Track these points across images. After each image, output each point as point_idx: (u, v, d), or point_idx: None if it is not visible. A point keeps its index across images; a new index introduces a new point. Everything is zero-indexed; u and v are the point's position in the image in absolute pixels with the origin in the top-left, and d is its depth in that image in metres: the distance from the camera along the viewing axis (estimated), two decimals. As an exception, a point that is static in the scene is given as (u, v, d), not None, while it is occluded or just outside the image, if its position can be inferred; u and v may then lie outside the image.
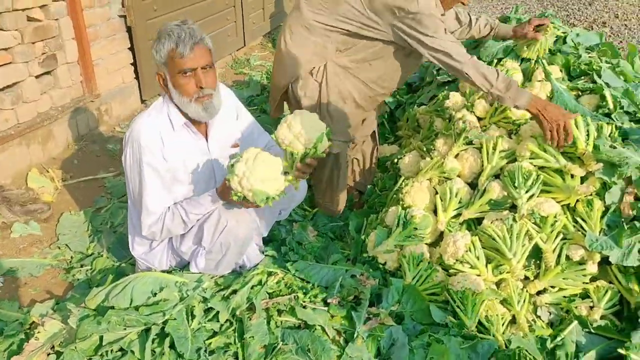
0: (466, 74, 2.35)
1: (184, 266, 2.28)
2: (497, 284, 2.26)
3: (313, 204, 2.95)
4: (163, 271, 2.24)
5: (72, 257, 2.66)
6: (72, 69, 3.44)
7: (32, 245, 2.76)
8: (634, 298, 2.12)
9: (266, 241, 2.56)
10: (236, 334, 1.96)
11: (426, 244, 2.39)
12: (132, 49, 3.87)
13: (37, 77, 3.24)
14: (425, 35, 2.34)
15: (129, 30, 3.80)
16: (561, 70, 2.91)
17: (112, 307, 1.99)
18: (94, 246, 2.70)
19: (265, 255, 2.44)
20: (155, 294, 2.05)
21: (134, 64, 3.94)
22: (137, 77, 4.01)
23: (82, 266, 2.58)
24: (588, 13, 6.48)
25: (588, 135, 2.30)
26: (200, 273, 2.18)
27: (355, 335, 1.96)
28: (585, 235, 2.16)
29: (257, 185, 1.85)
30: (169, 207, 2.08)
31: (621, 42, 5.66)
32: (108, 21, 3.63)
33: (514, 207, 2.32)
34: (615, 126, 2.37)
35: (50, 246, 2.76)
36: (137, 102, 4.07)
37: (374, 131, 3.02)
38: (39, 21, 3.14)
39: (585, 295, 2.23)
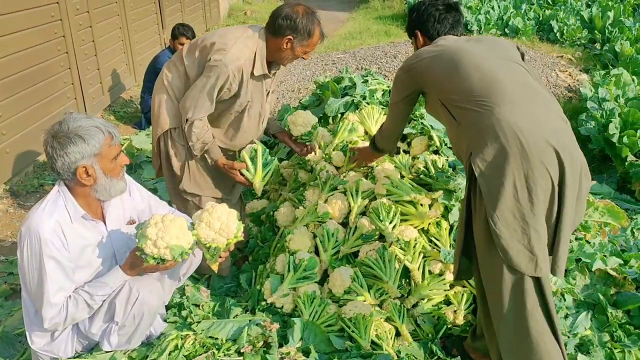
0: (187, 123, 2.65)
1: (91, 348, 2.27)
2: (380, 305, 2.63)
3: (201, 270, 3.06)
4: (70, 359, 2.22)
5: (-52, 369, 2.45)
6: None
7: None
8: (484, 295, 2.63)
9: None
10: (162, 402, 2.03)
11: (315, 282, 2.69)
12: (-28, 138, 3.67)
13: None
14: (204, 80, 2.61)
15: (-32, 119, 3.61)
16: (393, 119, 3.48)
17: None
18: (-26, 351, 2.52)
19: (168, 323, 2.53)
20: (70, 382, 2.04)
21: (-24, 154, 3.72)
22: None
23: (-36, 375, 2.39)
24: (395, 64, 7.53)
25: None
26: (111, 351, 2.20)
27: (274, 376, 2.16)
28: (440, 251, 2.65)
29: (172, 241, 2.01)
30: (70, 295, 2.10)
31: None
32: (-56, 113, 3.43)
33: (381, 238, 2.74)
34: (446, 159, 2.96)
35: None
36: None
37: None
38: None
39: (448, 302, 2.70)
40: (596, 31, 8.86)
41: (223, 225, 2.13)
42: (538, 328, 1.86)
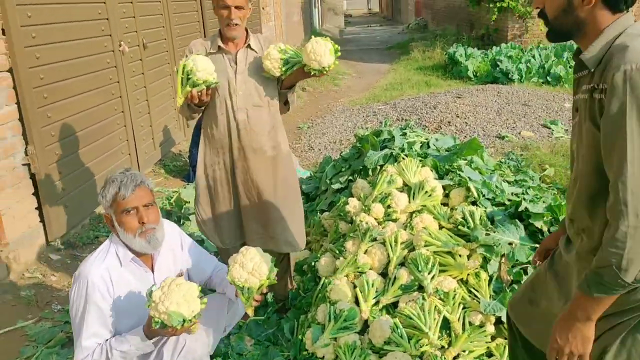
0: None
1: (138, 396, 2.37)
2: (420, 357, 2.64)
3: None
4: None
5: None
6: (-23, 222, 3.44)
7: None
8: (526, 347, 2.60)
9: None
10: None
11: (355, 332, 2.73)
12: (36, 194, 3.94)
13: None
14: None
15: (32, 176, 3.90)
16: (432, 170, 3.56)
17: None
18: (33, 396, 2.66)
19: (213, 371, 2.62)
20: None
21: (39, 208, 3.99)
22: (42, 221, 4.04)
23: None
24: (435, 115, 7.64)
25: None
26: (158, 399, 2.29)
27: None
28: (479, 302, 2.66)
29: (172, 307, 1.97)
30: (100, 343, 2.18)
31: (465, 137, 6.76)
32: (13, 170, 3.71)
33: (420, 288, 2.77)
34: (484, 210, 2.99)
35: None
36: (42, 245, 4.06)
37: None
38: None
39: (490, 354, 2.69)
40: None
41: (255, 266, 2.21)
42: None
